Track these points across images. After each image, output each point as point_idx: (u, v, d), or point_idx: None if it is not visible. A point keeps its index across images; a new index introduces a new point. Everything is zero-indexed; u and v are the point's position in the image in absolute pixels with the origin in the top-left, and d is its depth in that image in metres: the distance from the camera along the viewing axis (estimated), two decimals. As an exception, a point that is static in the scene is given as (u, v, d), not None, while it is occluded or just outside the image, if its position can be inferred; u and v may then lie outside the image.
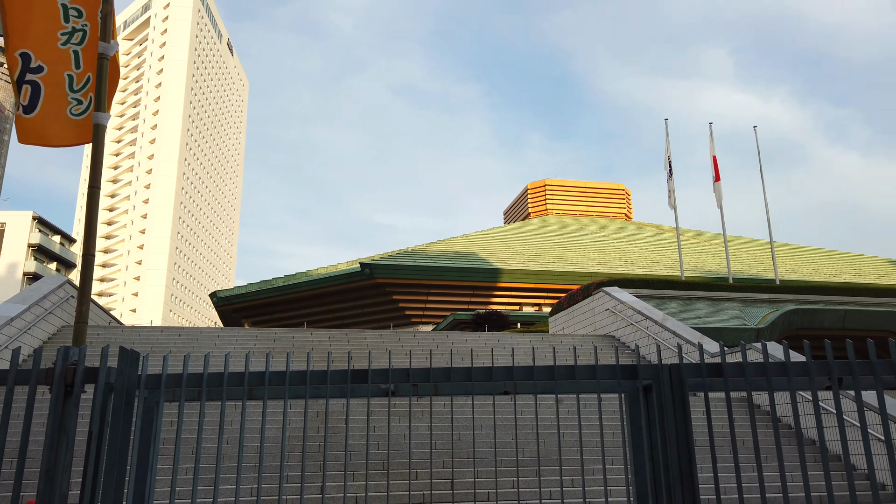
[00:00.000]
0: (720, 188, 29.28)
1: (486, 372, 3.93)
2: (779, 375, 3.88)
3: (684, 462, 3.70)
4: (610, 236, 71.90)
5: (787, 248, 66.01)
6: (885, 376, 3.88)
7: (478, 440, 11.75)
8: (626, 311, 20.95)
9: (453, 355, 18.49)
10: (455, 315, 41.48)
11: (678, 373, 3.82)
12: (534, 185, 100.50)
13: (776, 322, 20.34)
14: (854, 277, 50.97)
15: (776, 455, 11.35)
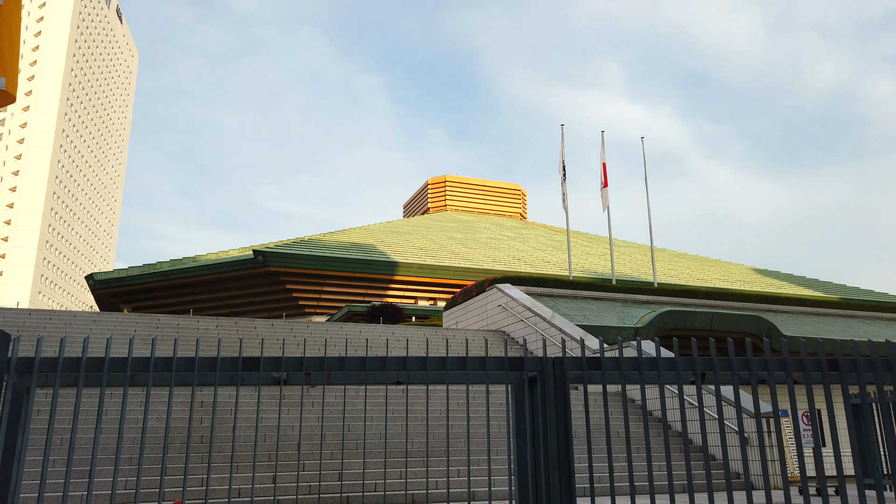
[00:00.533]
0: (607, 194, 30.84)
1: (381, 361, 4.00)
2: (650, 369, 4.21)
3: (563, 449, 3.95)
4: (505, 234, 73.82)
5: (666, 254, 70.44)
6: (741, 372, 4.31)
7: (368, 431, 11.79)
8: (517, 307, 21.67)
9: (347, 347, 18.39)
10: (350, 306, 41.17)
11: (561, 365, 4.06)
12: (434, 181, 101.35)
13: (653, 322, 21.72)
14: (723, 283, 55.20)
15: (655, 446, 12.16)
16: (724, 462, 3.95)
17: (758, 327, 22.83)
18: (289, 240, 54.86)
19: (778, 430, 4.59)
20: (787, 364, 4.24)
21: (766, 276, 61.65)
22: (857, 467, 4.53)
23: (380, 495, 9.42)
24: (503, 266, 54.35)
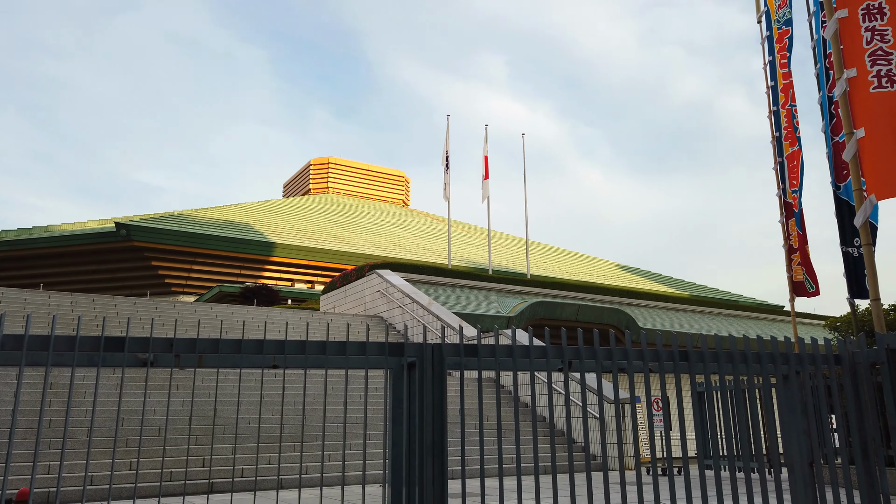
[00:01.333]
0: (488, 186, 31.66)
1: (257, 344, 3.90)
2: (523, 357, 4.42)
3: (437, 433, 4.05)
4: (387, 220, 73.75)
5: (540, 247, 73.48)
6: (604, 361, 4.62)
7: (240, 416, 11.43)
8: (396, 293, 21.79)
9: (215, 328, 17.65)
10: (222, 287, 39.49)
11: (440, 351, 4.16)
12: (317, 162, 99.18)
13: (524, 312, 22.65)
14: (590, 277, 58.50)
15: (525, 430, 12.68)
16: (585, 445, 4.23)
17: (618, 320, 24.42)
18: (157, 214, 51.64)
19: (633, 415, 4.96)
20: (645, 354, 4.61)
21: (628, 273, 65.99)
22: (700, 449, 5.02)
23: (248, 481, 9.18)
24: (384, 252, 54.33)
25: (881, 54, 6.12)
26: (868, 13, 6.26)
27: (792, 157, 11.02)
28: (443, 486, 3.99)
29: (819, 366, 4.87)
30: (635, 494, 4.35)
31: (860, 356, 4.85)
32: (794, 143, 10.99)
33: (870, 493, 4.74)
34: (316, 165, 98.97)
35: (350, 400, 13.24)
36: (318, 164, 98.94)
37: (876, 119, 5.96)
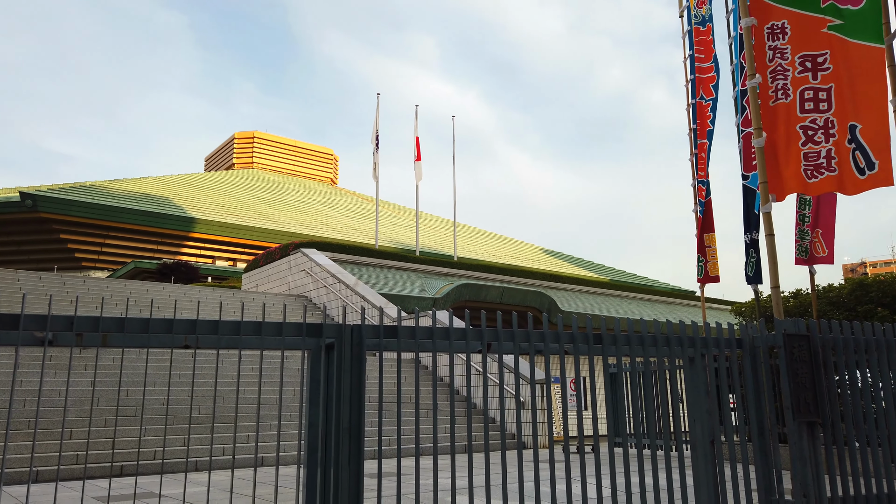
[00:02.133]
0: (421, 168, 31.58)
1: (167, 324, 3.75)
2: (443, 339, 4.44)
3: (355, 415, 4.03)
4: (314, 199, 72.44)
5: (468, 230, 74.11)
6: (522, 343, 4.70)
7: (151, 397, 11.01)
8: (322, 273, 21.49)
9: (130, 306, 16.89)
10: (137, 263, 37.83)
11: (359, 332, 4.12)
12: (241, 136, 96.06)
13: (450, 293, 22.82)
14: (514, 260, 59.52)
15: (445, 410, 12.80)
16: (501, 425, 4.32)
17: (540, 302, 24.99)
18: (67, 184, 48.78)
19: (548, 395, 5.08)
20: (561, 337, 4.72)
21: (552, 257, 67.56)
22: (610, 427, 5.21)
23: (158, 463, 8.89)
24: (310, 231, 53.39)
25: (780, 70, 6.56)
26: (772, 32, 6.68)
27: (701, 148, 11.53)
28: (359, 466, 3.98)
29: (722, 349, 5.13)
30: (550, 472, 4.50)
31: (759, 341, 5.14)
32: (703, 135, 11.49)
33: (764, 468, 5.06)
34: (240, 139, 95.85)
35: (269, 380, 13.00)
36: (242, 138, 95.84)
37: (775, 125, 6.42)
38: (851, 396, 5.27)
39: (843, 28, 6.50)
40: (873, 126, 6.13)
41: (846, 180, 6.11)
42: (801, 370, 4.83)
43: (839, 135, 6.25)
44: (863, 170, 6.06)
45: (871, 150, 6.04)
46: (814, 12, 6.63)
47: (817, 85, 6.45)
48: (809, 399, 4.81)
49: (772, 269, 5.92)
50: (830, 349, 5.23)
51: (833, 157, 6.20)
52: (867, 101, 6.23)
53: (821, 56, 6.51)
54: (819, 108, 6.38)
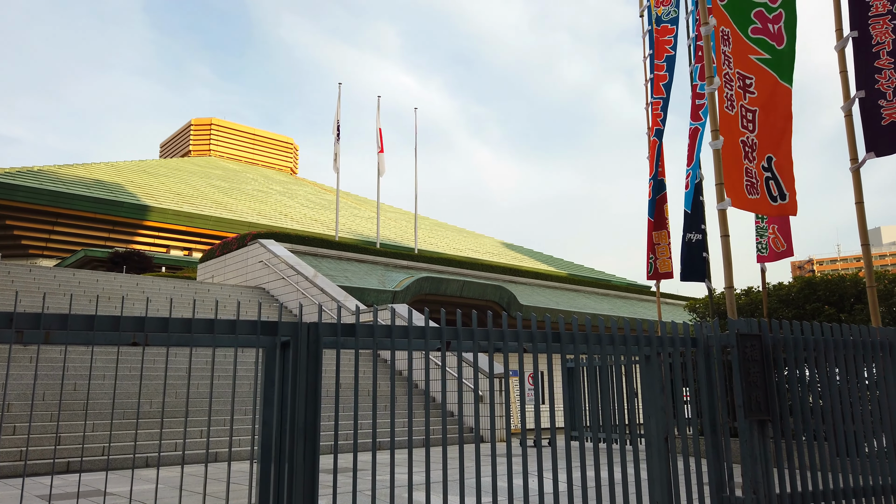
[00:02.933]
0: (383, 159, 31.33)
1: (113, 321, 3.60)
2: (402, 337, 4.38)
3: (310, 415, 3.95)
4: (273, 188, 71.33)
5: (429, 222, 74.00)
6: (481, 341, 4.68)
7: (100, 391, 10.68)
8: (280, 264, 21.16)
9: (79, 297, 16.34)
10: (87, 251, 36.66)
11: (316, 331, 4.04)
12: (199, 122, 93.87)
13: (410, 287, 22.75)
14: (475, 254, 59.72)
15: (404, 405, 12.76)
16: (459, 419, 4.29)
17: (500, 296, 25.13)
18: (12, 168, 46.89)
19: (505, 389, 5.07)
20: (520, 335, 4.72)
21: (512, 250, 68.01)
22: (567, 421, 5.25)
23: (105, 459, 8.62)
24: (269, 220, 52.53)
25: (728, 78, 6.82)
26: (723, 37, 6.87)
27: (653, 145, 11.72)
28: (314, 466, 3.91)
29: (677, 348, 5.20)
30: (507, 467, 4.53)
31: (713, 340, 5.24)
32: (660, 135, 11.68)
33: (716, 465, 5.16)
34: (197, 126, 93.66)
35: (225, 373, 12.75)
36: (199, 125, 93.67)
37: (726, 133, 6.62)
38: (800, 394, 5.41)
39: (769, 62, 6.89)
40: (784, 159, 6.54)
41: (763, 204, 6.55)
42: (752, 369, 4.93)
43: (758, 158, 6.62)
44: (775, 198, 6.49)
45: (783, 182, 6.44)
46: (745, 36, 6.96)
47: (748, 105, 6.80)
48: (760, 398, 4.92)
49: (726, 269, 6.03)
50: (781, 348, 5.36)
51: (755, 178, 6.61)
52: (780, 134, 6.62)
53: (749, 79, 6.86)
54: (748, 127, 6.72)
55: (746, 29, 7.01)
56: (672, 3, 12.57)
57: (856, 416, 5.63)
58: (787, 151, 6.84)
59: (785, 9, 7.22)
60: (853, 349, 5.74)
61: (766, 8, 7.16)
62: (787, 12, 7.23)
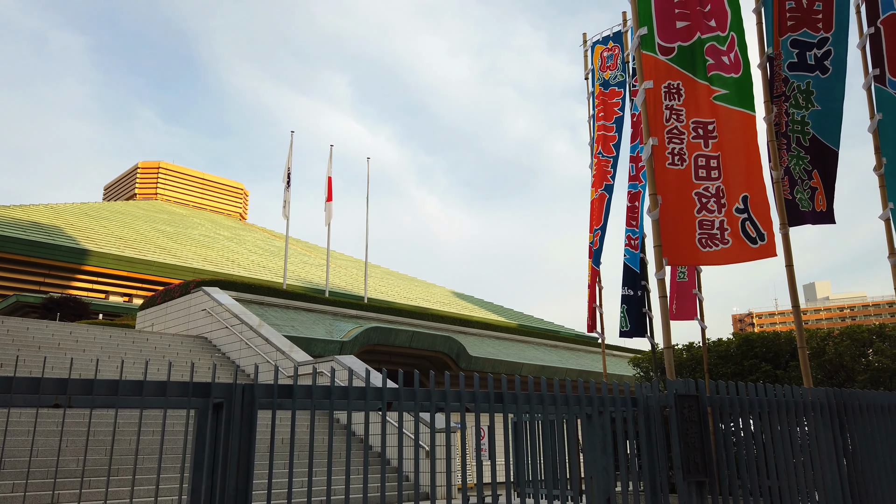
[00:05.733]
0: (331, 208, 31.26)
1: (33, 383, 3.42)
2: (341, 398, 4.29)
3: (242, 482, 3.79)
4: (221, 234, 70.10)
5: (380, 271, 73.69)
6: (423, 402, 4.63)
7: (20, 448, 10.04)
8: (224, 313, 20.62)
9: (7, 346, 15.50)
10: (19, 296, 35.03)
11: (251, 393, 3.92)
12: (146, 165, 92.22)
13: (358, 337, 22.44)
14: (426, 303, 59.55)
15: (343, 461, 12.40)
16: (399, 475, 4.19)
17: (450, 348, 25.01)
18: (-59, 208, 44.90)
19: (448, 447, 4.99)
20: (462, 396, 4.69)
21: (463, 300, 68.13)
22: (508, 476, 5.20)
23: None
24: (215, 267, 51.40)
25: (676, 133, 6.87)
26: (668, 91, 7.02)
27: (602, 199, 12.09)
28: (244, 537, 3.73)
29: (618, 408, 5.25)
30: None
31: (653, 400, 5.31)
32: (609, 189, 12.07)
33: (655, 526, 5.16)
34: (144, 169, 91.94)
35: (158, 428, 12.17)
36: (146, 168, 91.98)
37: (670, 191, 6.69)
38: (736, 453, 5.50)
39: (727, 97, 6.94)
40: (758, 196, 6.54)
41: (738, 250, 6.39)
42: (690, 430, 5.00)
43: (728, 203, 6.56)
44: (754, 240, 6.42)
45: (759, 222, 6.45)
46: (702, 79, 7.03)
47: (709, 152, 6.76)
48: (698, 459, 4.98)
49: (664, 329, 6.16)
50: (718, 409, 5.46)
51: (725, 227, 6.48)
52: (750, 171, 6.64)
53: (710, 124, 6.86)
54: (711, 175, 6.68)
55: (702, 70, 7.07)
56: (618, 67, 13.15)
57: (790, 474, 5.74)
58: (761, 186, 6.60)
59: (735, 31, 7.16)
60: (786, 409, 5.89)
61: (717, 40, 7.12)
62: (738, 34, 7.17)
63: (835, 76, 8.17)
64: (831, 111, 8.14)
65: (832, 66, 8.17)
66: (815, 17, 8.14)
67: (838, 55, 8.17)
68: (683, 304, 10.94)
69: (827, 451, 6.00)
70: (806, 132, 8.11)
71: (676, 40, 7.14)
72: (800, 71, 8.15)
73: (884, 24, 8.18)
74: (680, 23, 7.16)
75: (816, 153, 8.06)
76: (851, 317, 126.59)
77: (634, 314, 10.05)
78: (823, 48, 8.15)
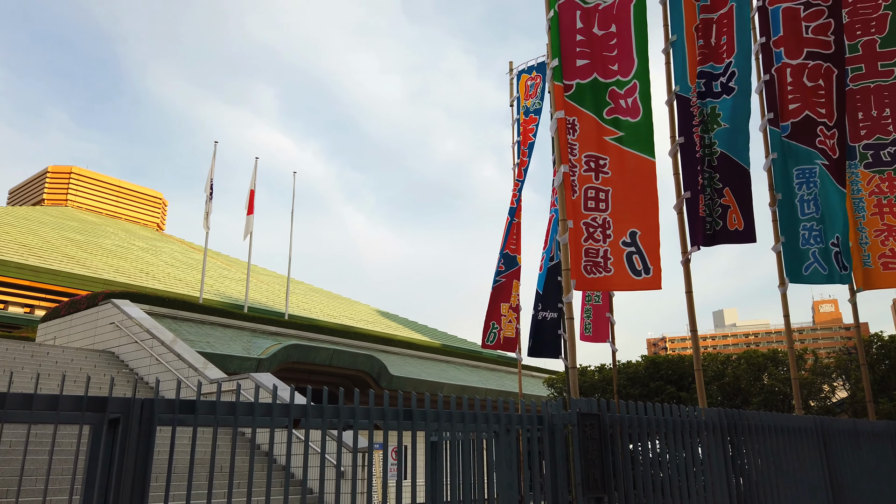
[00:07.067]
0: (252, 221, 30.60)
1: None
2: (246, 415, 4.24)
3: (136, 500, 3.68)
4: (136, 244, 67.16)
5: (303, 287, 72.36)
6: (331, 419, 4.62)
7: None
8: (134, 327, 19.74)
9: None
10: None
11: (150, 408, 3.82)
12: (56, 170, 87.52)
13: (277, 354, 21.95)
14: (350, 321, 58.86)
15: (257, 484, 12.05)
16: (303, 496, 4.16)
17: (371, 367, 24.84)
18: None
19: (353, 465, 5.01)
20: (371, 413, 4.71)
21: (387, 318, 67.75)
22: (428, 496, 5.24)
23: None
24: (127, 279, 49.09)
25: (573, 164, 7.29)
26: (570, 127, 7.44)
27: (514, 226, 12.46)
28: (136, 558, 3.61)
29: (524, 426, 5.40)
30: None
31: (557, 419, 5.49)
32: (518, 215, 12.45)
33: (557, 541, 5.31)
34: (55, 174, 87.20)
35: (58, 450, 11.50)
36: (57, 173, 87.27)
37: (574, 217, 7.05)
38: (633, 470, 5.75)
39: (623, 139, 7.34)
40: (649, 233, 6.95)
41: (620, 280, 6.79)
42: (591, 448, 5.20)
43: (615, 235, 6.96)
44: (639, 272, 6.83)
45: (648, 256, 6.82)
46: (598, 118, 7.42)
47: (599, 185, 7.17)
48: (598, 475, 5.18)
49: (570, 350, 6.41)
50: (618, 427, 5.71)
51: (609, 257, 6.87)
52: (643, 209, 7.05)
53: (602, 160, 7.26)
54: (599, 207, 7.09)
55: (600, 110, 7.43)
56: (537, 95, 13.64)
57: (684, 491, 6.05)
58: (653, 226, 6.95)
59: (639, 79, 7.48)
60: (681, 429, 6.22)
61: (618, 84, 7.44)
62: (641, 83, 7.47)
63: (740, 94, 8.55)
64: (737, 127, 8.41)
65: (737, 86, 8.55)
66: (720, 50, 8.72)
67: (742, 75, 8.61)
68: (597, 326, 11.40)
69: (718, 470, 6.36)
70: (714, 151, 8.39)
71: (575, 77, 7.51)
72: (707, 98, 8.66)
73: (777, 72, 8.87)
74: (580, 61, 7.52)
75: (726, 170, 8.25)
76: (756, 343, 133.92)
77: (546, 335, 10.37)
78: (728, 72, 8.65)
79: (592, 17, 7.65)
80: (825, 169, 8.52)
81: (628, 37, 7.55)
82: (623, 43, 7.58)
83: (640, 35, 7.65)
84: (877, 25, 9.67)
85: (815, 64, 8.56)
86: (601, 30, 7.64)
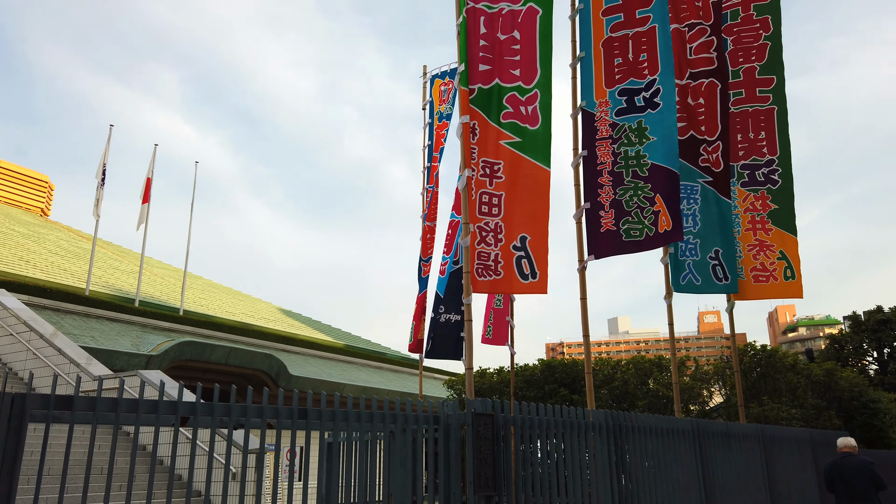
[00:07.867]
0: (146, 210, 29.10)
1: None
2: (130, 412, 4.05)
3: (2, 501, 3.44)
4: (16, 230, 62.14)
5: (201, 282, 69.37)
6: (222, 417, 4.49)
7: None
8: (10, 319, 18.29)
9: None
10: None
11: (21, 403, 3.58)
12: (-74, 144, 79.59)
13: (169, 351, 20.97)
14: (250, 319, 57.02)
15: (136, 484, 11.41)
16: (187, 494, 4.02)
17: (269, 366, 24.23)
18: None
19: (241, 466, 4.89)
20: (264, 411, 4.62)
21: (289, 317, 66.19)
22: (320, 498, 5.19)
23: None
24: (5, 266, 45.28)
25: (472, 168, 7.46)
26: (472, 131, 7.62)
27: (430, 230, 12.56)
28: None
29: (420, 425, 5.46)
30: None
31: (453, 418, 5.60)
32: (432, 219, 12.56)
33: (448, 540, 5.41)
34: (-76, 148, 79.26)
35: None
36: (-73, 147, 79.38)
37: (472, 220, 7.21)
38: (524, 470, 5.94)
39: (520, 145, 7.53)
40: (538, 239, 7.22)
41: (509, 283, 7.05)
42: (483, 447, 5.34)
43: (506, 240, 7.20)
44: (526, 276, 7.10)
45: (536, 261, 7.10)
46: (496, 123, 7.60)
47: (492, 190, 7.35)
48: (489, 474, 5.32)
49: (467, 352, 6.55)
50: (511, 427, 5.88)
51: (499, 260, 7.11)
52: (534, 215, 7.30)
53: (496, 165, 7.45)
54: (492, 212, 7.29)
55: (498, 116, 7.55)
56: (450, 101, 13.82)
57: (571, 489, 6.31)
58: (543, 232, 7.16)
59: (541, 89, 7.64)
60: (570, 429, 6.49)
61: (520, 90, 7.58)
62: (543, 93, 7.63)
63: (666, 108, 8.91)
64: (667, 138, 8.79)
65: (662, 101, 8.92)
66: (641, 66, 9.02)
67: (667, 91, 8.98)
68: (498, 330, 11.67)
69: (603, 469, 6.68)
70: (643, 163, 8.49)
71: (478, 82, 7.67)
72: (630, 114, 8.93)
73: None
74: (483, 66, 7.70)
75: (657, 179, 8.37)
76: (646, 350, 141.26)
77: (447, 338, 10.53)
78: (652, 89, 8.96)
79: (496, 22, 7.83)
80: (708, 185, 9.12)
81: (533, 46, 7.78)
82: (527, 51, 7.79)
83: (545, 46, 7.87)
84: (757, 53, 10.49)
85: (699, 82, 9.15)
86: (504, 34, 7.81)
